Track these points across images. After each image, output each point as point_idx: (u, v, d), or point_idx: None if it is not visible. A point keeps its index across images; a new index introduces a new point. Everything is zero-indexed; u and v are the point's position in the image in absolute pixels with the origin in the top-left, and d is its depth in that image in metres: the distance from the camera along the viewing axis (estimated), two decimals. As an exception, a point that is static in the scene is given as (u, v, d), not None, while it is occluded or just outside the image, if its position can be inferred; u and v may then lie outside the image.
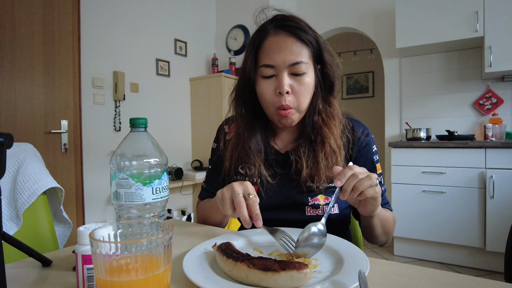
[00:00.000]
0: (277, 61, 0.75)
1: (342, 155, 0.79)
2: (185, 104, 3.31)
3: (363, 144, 0.84)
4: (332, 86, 0.83)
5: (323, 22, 3.35)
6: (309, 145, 0.81)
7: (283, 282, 0.45)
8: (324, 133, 0.79)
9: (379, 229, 0.78)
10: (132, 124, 0.64)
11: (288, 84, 0.75)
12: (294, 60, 0.74)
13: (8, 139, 0.50)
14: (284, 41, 0.75)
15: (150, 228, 0.44)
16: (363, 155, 0.84)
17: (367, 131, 0.86)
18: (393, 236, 0.84)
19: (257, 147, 0.83)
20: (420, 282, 0.49)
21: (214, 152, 0.94)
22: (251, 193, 0.64)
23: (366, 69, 4.73)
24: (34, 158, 0.98)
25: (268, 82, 0.77)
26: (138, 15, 2.83)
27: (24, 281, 0.54)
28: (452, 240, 2.41)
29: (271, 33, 0.77)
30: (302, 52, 0.75)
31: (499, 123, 2.60)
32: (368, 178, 0.61)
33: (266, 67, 0.76)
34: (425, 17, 2.62)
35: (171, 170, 2.90)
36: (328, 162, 0.77)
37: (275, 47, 0.76)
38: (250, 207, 0.63)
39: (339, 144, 0.79)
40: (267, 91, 0.78)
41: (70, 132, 2.33)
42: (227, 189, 0.66)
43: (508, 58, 2.37)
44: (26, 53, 2.10)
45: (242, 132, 0.84)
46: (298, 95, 0.76)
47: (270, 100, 0.78)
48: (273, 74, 0.76)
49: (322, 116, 0.81)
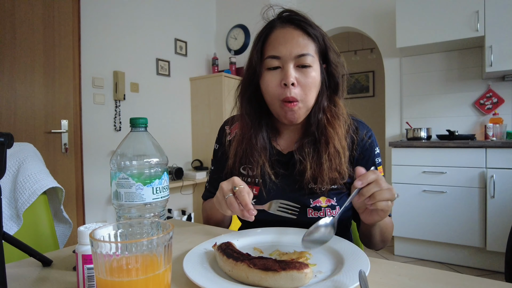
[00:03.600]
0: (283, 52, 0.74)
1: (346, 156, 0.78)
2: (185, 104, 3.31)
3: (366, 146, 0.83)
4: (337, 85, 0.82)
5: (324, 22, 3.34)
6: (314, 145, 0.80)
7: (283, 282, 0.45)
8: (328, 133, 0.78)
9: (377, 237, 0.78)
10: (132, 124, 0.64)
11: (294, 76, 0.74)
12: (300, 52, 0.74)
13: (8, 139, 0.50)
14: (291, 33, 0.76)
15: (150, 228, 0.44)
16: (365, 156, 0.83)
17: (370, 132, 0.85)
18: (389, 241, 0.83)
19: (262, 144, 0.82)
20: (421, 282, 0.49)
21: (216, 153, 0.94)
22: (237, 185, 0.65)
23: (366, 68, 4.72)
24: (34, 158, 0.98)
25: (273, 74, 0.76)
26: (138, 14, 2.83)
27: (24, 280, 0.54)
28: (453, 240, 2.41)
29: (278, 26, 0.78)
30: (309, 46, 0.75)
31: (499, 123, 2.60)
32: (389, 191, 0.59)
33: (272, 58, 0.76)
34: (426, 16, 2.62)
35: (171, 170, 2.90)
36: (332, 163, 0.76)
37: (282, 38, 0.76)
38: (238, 199, 0.64)
39: (343, 145, 0.78)
40: (272, 83, 0.76)
41: (70, 132, 2.33)
42: (219, 191, 0.68)
43: (508, 57, 2.37)
44: (26, 53, 2.10)
45: (248, 129, 0.83)
46: (304, 88, 0.75)
47: (275, 93, 0.77)
48: (279, 66, 0.76)
49: (327, 115, 0.80)
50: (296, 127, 0.86)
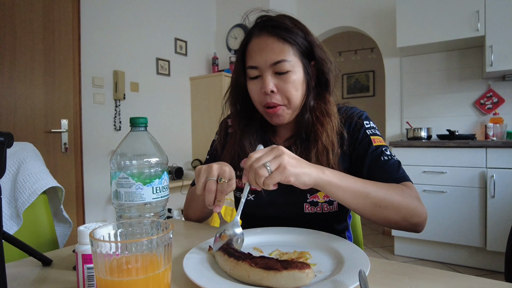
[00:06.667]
0: (259, 61, 0.76)
1: (335, 152, 0.77)
2: (186, 104, 3.31)
3: (354, 122, 0.82)
4: (327, 82, 0.82)
5: (324, 21, 3.34)
6: (302, 143, 0.81)
7: (285, 281, 0.45)
8: (317, 130, 0.78)
9: (354, 202, 0.63)
10: (132, 123, 0.63)
11: (272, 84, 0.75)
12: (275, 59, 0.74)
13: (8, 139, 0.50)
14: (265, 41, 0.76)
15: (150, 228, 0.44)
16: (355, 133, 0.81)
17: (361, 112, 0.84)
18: (413, 210, 0.66)
19: (250, 146, 0.83)
20: (421, 282, 0.49)
21: (214, 143, 0.96)
22: (223, 178, 0.64)
23: (366, 68, 4.72)
24: (34, 157, 0.98)
25: (255, 83, 0.79)
26: (138, 14, 2.82)
27: (24, 280, 0.54)
28: (453, 240, 2.41)
29: (255, 35, 0.79)
30: (285, 51, 0.75)
31: (500, 123, 2.60)
32: (262, 167, 0.55)
33: (251, 69, 0.78)
34: (426, 16, 2.62)
35: (171, 170, 2.90)
36: (318, 159, 0.76)
37: (257, 48, 0.77)
38: (218, 192, 0.63)
39: (332, 140, 0.78)
40: (254, 91, 0.80)
41: (70, 132, 2.33)
42: (206, 168, 0.65)
43: (509, 57, 2.37)
44: (26, 52, 2.10)
45: (236, 131, 0.86)
46: (285, 93, 0.76)
47: (258, 100, 0.80)
48: (258, 75, 0.78)
49: (316, 113, 0.80)
50: (288, 125, 0.87)
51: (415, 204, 0.67)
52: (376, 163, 0.76)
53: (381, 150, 0.77)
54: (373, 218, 0.66)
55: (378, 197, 0.64)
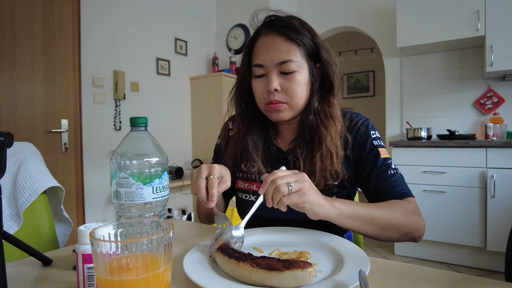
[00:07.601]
0: (266, 60, 0.76)
1: (339, 155, 0.78)
2: (186, 103, 3.31)
3: (361, 132, 0.82)
4: (331, 85, 0.82)
5: (324, 21, 3.34)
6: (307, 146, 0.80)
7: (287, 281, 0.45)
8: (321, 133, 0.78)
9: (361, 228, 0.67)
10: (132, 123, 0.64)
11: (277, 83, 0.76)
12: (282, 59, 0.75)
13: (8, 138, 0.50)
14: (273, 40, 0.76)
15: (150, 228, 0.44)
16: (361, 143, 0.81)
17: (366, 120, 0.85)
18: (413, 227, 0.70)
19: (253, 145, 0.84)
20: (421, 282, 0.49)
21: (218, 147, 0.97)
22: (212, 174, 0.65)
23: (366, 68, 4.72)
24: (34, 157, 0.98)
25: (260, 81, 0.79)
26: (138, 14, 2.82)
27: (24, 280, 0.54)
28: (453, 240, 2.41)
29: (263, 34, 0.79)
30: (292, 51, 0.76)
31: (500, 123, 2.60)
32: (284, 185, 0.56)
33: (257, 67, 0.78)
34: (426, 16, 2.62)
35: (171, 170, 2.90)
36: (323, 163, 0.77)
37: (264, 47, 0.77)
38: (208, 187, 0.64)
39: (336, 144, 0.78)
40: (258, 90, 0.80)
41: (70, 131, 2.33)
42: (197, 170, 0.68)
43: (509, 57, 2.37)
44: (26, 52, 2.10)
45: (240, 130, 0.87)
46: (289, 92, 0.77)
47: (261, 98, 0.80)
48: (264, 74, 0.78)
49: (320, 116, 0.80)
50: (292, 127, 0.87)
51: (415, 220, 0.71)
52: (383, 177, 0.78)
53: (388, 164, 0.79)
54: (377, 238, 0.71)
55: (382, 221, 0.67)
